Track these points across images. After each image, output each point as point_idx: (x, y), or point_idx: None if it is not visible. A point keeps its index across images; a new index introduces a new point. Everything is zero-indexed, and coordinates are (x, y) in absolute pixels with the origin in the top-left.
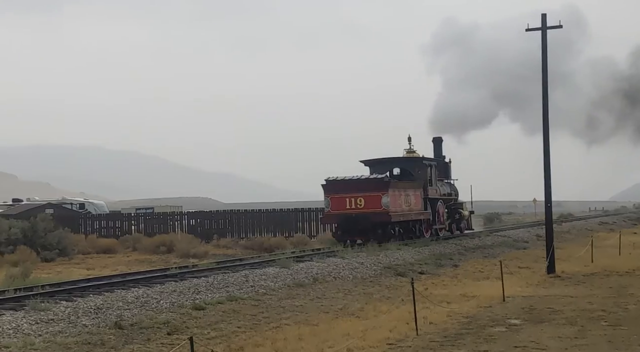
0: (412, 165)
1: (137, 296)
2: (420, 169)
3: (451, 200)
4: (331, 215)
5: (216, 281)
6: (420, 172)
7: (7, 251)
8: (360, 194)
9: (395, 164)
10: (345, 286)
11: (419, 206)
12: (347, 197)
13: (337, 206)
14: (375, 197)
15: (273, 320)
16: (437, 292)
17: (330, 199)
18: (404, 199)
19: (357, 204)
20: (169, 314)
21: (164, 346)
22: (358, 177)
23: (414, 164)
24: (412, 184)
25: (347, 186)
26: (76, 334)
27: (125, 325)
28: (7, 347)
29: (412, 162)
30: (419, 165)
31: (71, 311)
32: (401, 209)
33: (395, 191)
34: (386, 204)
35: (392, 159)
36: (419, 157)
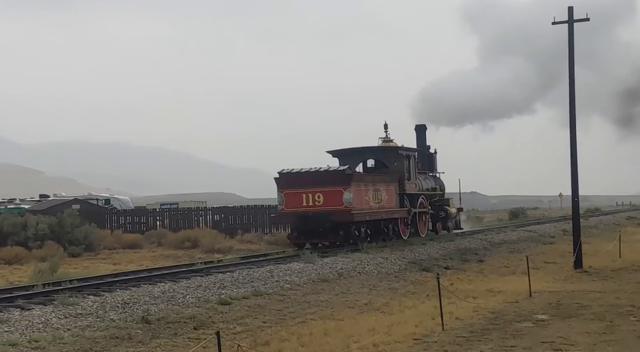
0: (386, 155)
1: (163, 290)
2: (396, 161)
3: (435, 195)
4: (285, 214)
5: (241, 276)
6: (397, 164)
7: (35, 246)
8: (319, 189)
9: (368, 155)
10: (370, 281)
11: (393, 203)
12: (304, 192)
13: (292, 203)
14: (335, 193)
15: (298, 315)
16: (463, 288)
17: (284, 195)
18: (373, 194)
19: (315, 200)
20: (195, 309)
21: (190, 340)
22: (316, 169)
23: (389, 155)
24: (384, 177)
25: (303, 180)
26: (104, 329)
27: (152, 319)
28: (36, 341)
29: (386, 152)
30: (394, 155)
31: (99, 306)
32: (368, 207)
33: (361, 185)
34: (348, 200)
35: (363, 149)
36: (393, 147)
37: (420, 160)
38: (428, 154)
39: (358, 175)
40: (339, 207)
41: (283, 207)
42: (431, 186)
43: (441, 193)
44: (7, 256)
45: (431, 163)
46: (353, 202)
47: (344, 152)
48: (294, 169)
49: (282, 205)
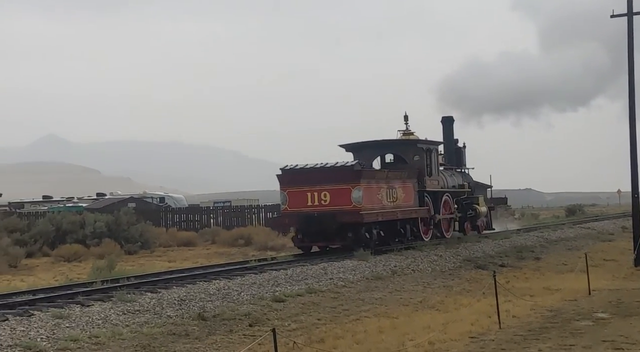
0: (404, 149)
1: (218, 288)
2: (415, 155)
3: (463, 193)
4: (288, 214)
5: (295, 274)
6: (416, 159)
7: (92, 244)
8: (325, 187)
9: (385, 149)
10: (424, 278)
11: (411, 201)
12: (309, 191)
13: (296, 203)
14: (342, 191)
15: (352, 312)
16: (519, 286)
17: (287, 193)
18: (387, 192)
19: (321, 199)
20: (250, 306)
21: (245, 337)
22: (322, 165)
23: (407, 148)
24: (399, 173)
25: (308, 177)
26: (161, 325)
27: (208, 316)
28: (96, 337)
29: (404, 145)
30: (413, 149)
31: (156, 302)
32: (380, 206)
33: (372, 183)
34: (357, 199)
35: (379, 143)
36: (412, 140)
37: (446, 154)
38: (456, 149)
39: (369, 171)
40: (346, 207)
41: (286, 207)
42: (458, 183)
43: (470, 190)
44: (67, 254)
45: (459, 158)
46: (363, 201)
47: (358, 146)
48: (298, 164)
49: (285, 205)
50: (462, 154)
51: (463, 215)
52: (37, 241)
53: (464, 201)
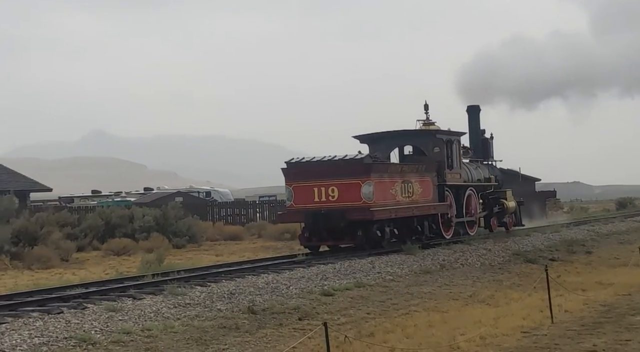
0: (422, 141)
1: (267, 281)
2: (435, 146)
3: (490, 187)
4: (294, 211)
5: (342, 268)
6: (436, 150)
7: (141, 238)
8: (333, 182)
9: (402, 140)
10: (473, 272)
11: (430, 196)
12: (316, 186)
13: (302, 199)
14: (352, 186)
15: (402, 306)
16: (571, 280)
17: (292, 188)
18: (402, 187)
19: (328, 195)
20: (299, 300)
21: (295, 331)
22: (330, 158)
23: (425, 140)
24: (416, 166)
25: (314, 171)
26: (212, 318)
27: (258, 310)
28: (149, 329)
29: (421, 136)
30: (432, 140)
31: (206, 296)
32: (394, 202)
33: (384, 177)
34: (367, 194)
35: (395, 133)
36: (430, 130)
37: (471, 146)
38: (482, 139)
39: (380, 164)
40: (356, 203)
41: (292, 204)
42: (484, 176)
43: (498, 184)
44: (116, 247)
45: (486, 149)
46: (374, 196)
47: (374, 138)
48: (305, 158)
49: (291, 201)
50: (489, 146)
51: (489, 211)
52: (87, 234)
53: (490, 196)
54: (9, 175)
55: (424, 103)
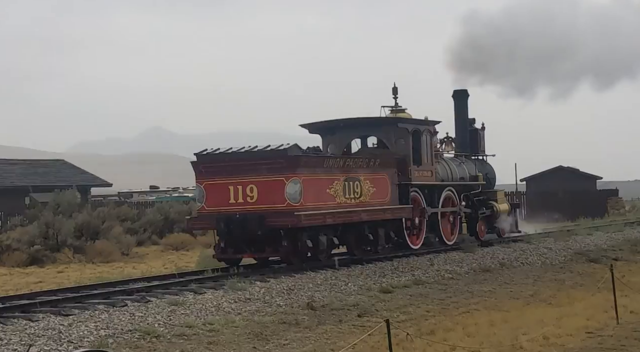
0: (382, 131)
1: (325, 278)
2: (398, 137)
3: (476, 187)
4: (206, 215)
5: (401, 265)
6: (400, 143)
7: (199, 233)
8: (253, 179)
9: (361, 130)
10: (534, 271)
11: (386, 198)
12: (232, 183)
13: (216, 200)
14: (274, 184)
15: (462, 305)
16: (636, 280)
17: (204, 187)
18: (345, 186)
19: (246, 195)
20: (358, 297)
21: (355, 327)
22: (249, 149)
23: (385, 129)
24: (367, 161)
25: (230, 165)
26: (272, 314)
27: (317, 306)
28: (211, 323)
29: (380, 126)
30: (393, 130)
31: (266, 291)
32: (333, 204)
33: (318, 173)
34: (293, 195)
35: (350, 122)
36: (390, 118)
37: (457, 138)
38: (471, 131)
39: (312, 157)
40: (278, 206)
41: (203, 206)
42: (469, 174)
43: (485, 183)
44: (174, 242)
45: (475, 142)
46: (301, 197)
47: (327, 127)
48: (220, 148)
49: (202, 202)
50: (478, 138)
51: (474, 214)
52: (146, 229)
53: (474, 197)
54: (71, 170)
55: (393, 86)
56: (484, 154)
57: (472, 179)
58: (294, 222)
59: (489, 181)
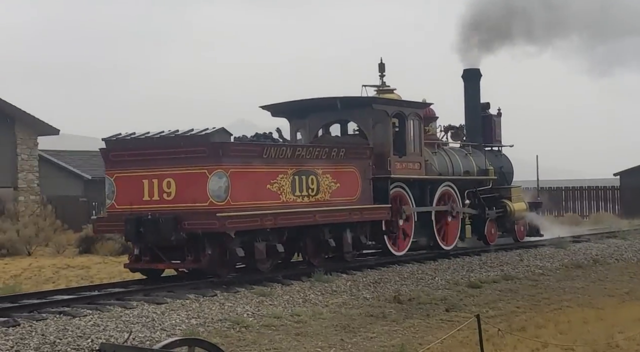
0: (357, 114)
1: (411, 271)
2: (376, 122)
3: (485, 182)
4: (114, 216)
5: (489, 260)
6: (381, 128)
7: None
8: (171, 171)
9: (336, 113)
10: (630, 268)
11: (355, 195)
12: (146, 176)
13: (127, 196)
14: (194, 177)
15: (553, 301)
16: None
17: (114, 180)
18: (295, 181)
19: (163, 191)
20: (445, 291)
21: (442, 322)
22: (167, 134)
23: (361, 112)
24: (325, 150)
25: (145, 154)
26: (359, 306)
27: (404, 300)
28: (298, 315)
29: (354, 108)
30: (369, 114)
31: (352, 284)
32: (277, 203)
33: (253, 164)
34: (217, 191)
35: (319, 102)
36: (364, 99)
37: (467, 124)
38: (484, 117)
39: (245, 145)
40: (199, 205)
41: (113, 203)
42: (477, 167)
43: (496, 178)
44: None
45: (488, 130)
46: (228, 194)
47: (290, 110)
48: (136, 133)
49: (112, 199)
50: (492, 125)
51: (482, 214)
52: None
53: (481, 195)
54: None
55: (379, 62)
56: (499, 144)
57: (480, 173)
58: (216, 225)
59: (503, 175)
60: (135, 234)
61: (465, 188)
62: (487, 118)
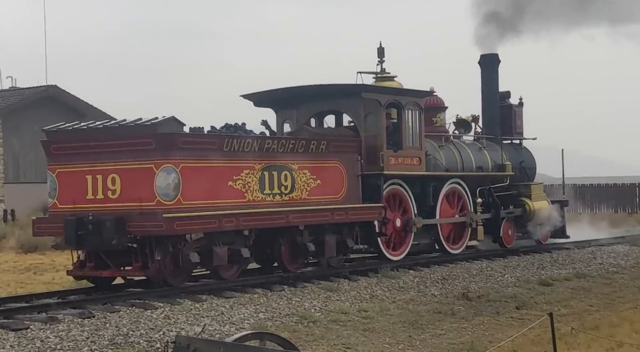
0: (346, 104)
1: (480, 268)
2: (368, 112)
3: (501, 178)
4: (56, 216)
5: (560, 257)
6: (374, 119)
7: None
8: (116, 166)
9: (318, 103)
10: None
11: (339, 194)
12: (89, 172)
13: (70, 194)
14: (140, 173)
15: (628, 300)
16: None
17: (56, 176)
18: (263, 177)
19: (108, 189)
20: (515, 289)
21: (513, 320)
22: (112, 123)
23: (350, 103)
24: (302, 142)
25: (89, 146)
26: (426, 303)
27: (473, 297)
28: (365, 311)
29: (342, 98)
30: (360, 104)
31: (419, 280)
32: (242, 203)
33: (210, 157)
34: (165, 189)
35: (300, 91)
36: (351, 86)
37: (484, 115)
38: (502, 107)
39: (200, 137)
40: (145, 205)
41: (55, 203)
42: (491, 162)
43: (513, 174)
44: None
45: (507, 121)
46: (179, 192)
47: (274, 100)
48: (82, 123)
49: (54, 198)
50: (513, 116)
51: (497, 214)
52: None
53: (498, 193)
54: None
55: (378, 46)
56: (519, 137)
57: (496, 168)
58: (162, 227)
59: (524, 171)
60: (74, 238)
61: (477, 185)
62: (507, 108)
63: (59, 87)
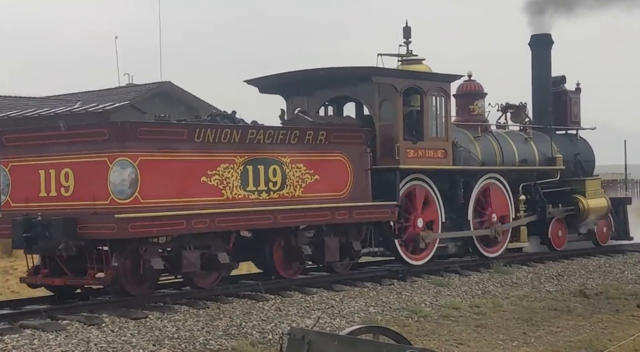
0: (359, 88)
1: (598, 264)
2: (383, 99)
3: (551, 173)
4: (8, 216)
5: None
6: (389, 106)
7: None
8: (69, 159)
9: (330, 89)
10: None
11: (344, 190)
12: (43, 166)
13: (24, 191)
14: (94, 168)
15: None
16: None
17: (9, 170)
18: (248, 172)
19: (60, 185)
20: (636, 286)
21: (634, 318)
22: (64, 110)
23: (362, 88)
24: (288, 134)
25: (41, 137)
26: (541, 300)
27: (590, 294)
28: (477, 306)
29: (353, 83)
30: (373, 89)
31: (533, 276)
32: (218, 201)
33: (176, 150)
34: (120, 186)
35: (310, 75)
36: (361, 69)
37: (535, 103)
38: (556, 93)
39: (165, 126)
40: (99, 204)
41: (8, 201)
42: (539, 155)
43: (564, 168)
44: None
45: (561, 110)
46: (137, 189)
47: (282, 85)
48: (37, 109)
49: (7, 195)
50: (568, 103)
51: (543, 213)
52: None
53: (546, 190)
54: None
55: (404, 26)
56: (576, 127)
57: (545, 161)
58: (114, 230)
59: (579, 165)
60: (23, 241)
61: (520, 181)
62: (561, 95)
63: (172, 83)
